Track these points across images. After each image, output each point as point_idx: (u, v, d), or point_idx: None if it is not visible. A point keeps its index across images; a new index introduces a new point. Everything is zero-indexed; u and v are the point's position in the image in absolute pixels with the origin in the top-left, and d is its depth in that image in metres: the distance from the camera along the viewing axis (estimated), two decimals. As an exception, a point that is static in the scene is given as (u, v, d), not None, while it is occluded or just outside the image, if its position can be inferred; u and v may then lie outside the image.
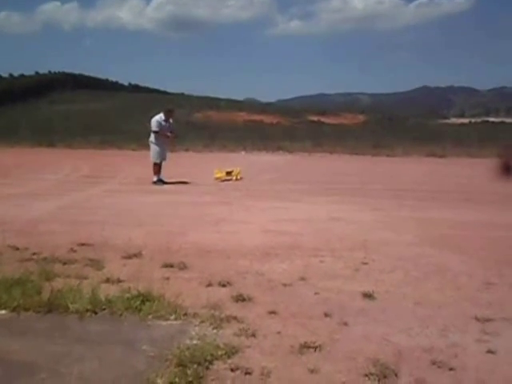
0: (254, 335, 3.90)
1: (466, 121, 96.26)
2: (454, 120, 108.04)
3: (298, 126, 62.42)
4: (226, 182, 16.07)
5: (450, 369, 3.40)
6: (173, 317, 4.24)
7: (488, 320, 4.31)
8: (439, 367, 3.43)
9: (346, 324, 4.19)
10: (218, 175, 16.94)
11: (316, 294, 5.01)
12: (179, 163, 19.57)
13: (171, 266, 5.86)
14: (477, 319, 4.33)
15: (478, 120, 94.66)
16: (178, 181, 15.45)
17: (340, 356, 3.59)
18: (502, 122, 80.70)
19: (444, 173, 22.90)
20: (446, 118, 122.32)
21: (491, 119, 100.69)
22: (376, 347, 3.74)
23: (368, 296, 4.89)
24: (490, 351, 3.69)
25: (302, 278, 5.50)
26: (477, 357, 3.60)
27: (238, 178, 17.22)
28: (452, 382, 3.25)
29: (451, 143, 38.04)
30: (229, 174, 17.22)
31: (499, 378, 3.30)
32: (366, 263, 6.17)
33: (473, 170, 22.26)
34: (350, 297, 4.90)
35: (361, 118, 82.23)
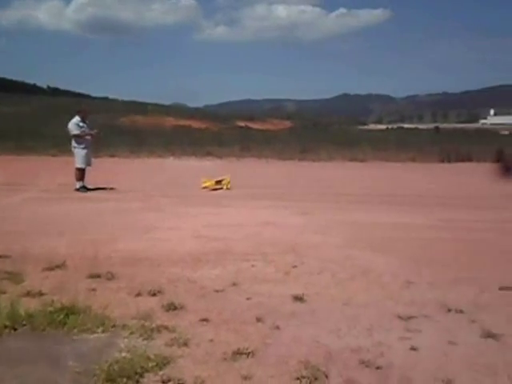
0: (186, 344, 3.85)
1: (383, 127, 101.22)
2: (372, 126, 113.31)
3: (226, 131, 62.54)
4: (153, 187, 15.74)
5: (377, 367, 3.54)
6: (100, 329, 4.08)
7: (410, 318, 4.53)
8: (367, 366, 3.56)
9: (277, 328, 4.24)
10: (207, 184, 16.12)
11: (248, 299, 5.03)
12: (104, 169, 18.91)
13: (98, 276, 5.64)
14: (400, 317, 4.54)
15: (394, 126, 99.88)
16: (103, 187, 14.92)
17: (272, 360, 3.62)
18: (416, 128, 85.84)
19: (366, 176, 23.87)
20: (365, 124, 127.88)
21: (406, 125, 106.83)
22: (307, 350, 3.81)
23: (298, 299, 4.99)
24: (412, 348, 3.88)
25: (234, 284, 5.51)
26: (401, 354, 3.78)
27: (228, 187, 16.31)
28: (379, 380, 3.38)
29: (371, 148, 39.73)
30: (218, 182, 16.49)
31: (422, 374, 3.47)
32: (295, 266, 6.29)
33: (392, 173, 23.42)
34: (281, 300, 4.97)
35: (287, 123, 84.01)
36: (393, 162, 32.63)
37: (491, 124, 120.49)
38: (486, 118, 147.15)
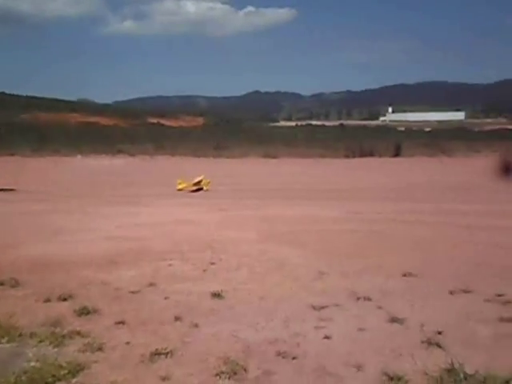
0: (100, 349, 3.72)
1: (293, 124, 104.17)
2: (283, 123, 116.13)
3: (138, 128, 60.92)
4: (59, 187, 14.96)
5: (293, 358, 3.65)
6: (5, 339, 3.83)
7: (323, 307, 4.72)
8: (284, 357, 3.66)
9: (196, 326, 4.23)
10: (182, 186, 15.44)
11: (166, 298, 4.96)
12: (3, 169, 17.65)
13: (1, 283, 5.28)
14: (314, 308, 4.71)
15: (303, 123, 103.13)
16: (2, 188, 13.92)
17: (192, 359, 3.61)
18: (323, 125, 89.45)
19: (278, 172, 24.45)
20: (276, 121, 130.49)
21: (314, 122, 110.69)
22: (226, 345, 3.84)
23: (217, 295, 5.01)
24: (326, 337, 4.04)
25: (151, 284, 5.41)
26: (315, 343, 3.92)
27: (208, 187, 15.85)
28: (295, 369, 3.49)
29: (282, 145, 40.80)
30: (197, 183, 15.97)
31: (335, 361, 3.62)
32: (213, 263, 6.31)
33: (303, 168, 24.22)
34: (199, 298, 4.96)
35: (200, 120, 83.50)
36: (303, 158, 33.79)
37: (390, 121, 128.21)
38: (385, 116, 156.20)
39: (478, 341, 3.91)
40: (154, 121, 72.56)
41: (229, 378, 3.32)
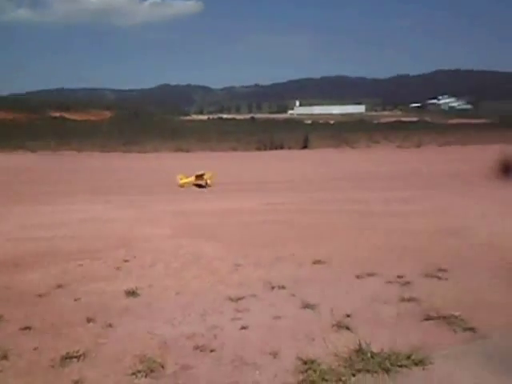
0: (5, 357, 3.51)
1: (204, 117, 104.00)
2: (194, 117, 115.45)
3: (39, 122, 57.40)
4: None
5: (211, 350, 3.69)
6: None
7: (240, 298, 4.79)
8: (201, 351, 3.68)
9: (110, 326, 4.11)
10: (185, 181, 14.81)
11: (76, 300, 4.76)
12: None
13: None
14: (230, 299, 4.77)
15: (215, 117, 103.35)
16: None
17: (106, 360, 3.51)
18: (234, 119, 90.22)
19: (192, 166, 24.26)
20: (187, 114, 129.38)
21: (225, 116, 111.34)
22: (142, 343, 3.78)
23: (131, 293, 4.90)
24: (243, 327, 4.12)
25: (60, 286, 5.16)
26: (233, 334, 3.98)
27: (210, 182, 15.17)
28: (213, 362, 3.52)
29: (195, 138, 40.52)
30: (199, 177, 15.45)
31: (252, 350, 3.71)
32: (127, 261, 6.14)
33: (216, 162, 24.21)
34: (113, 297, 4.82)
35: (107, 114, 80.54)
36: (216, 152, 33.79)
37: (298, 114, 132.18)
38: (293, 109, 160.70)
39: (383, 321, 4.19)
40: (57, 114, 68.80)
41: (145, 376, 3.28)
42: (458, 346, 3.65)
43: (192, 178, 15.80)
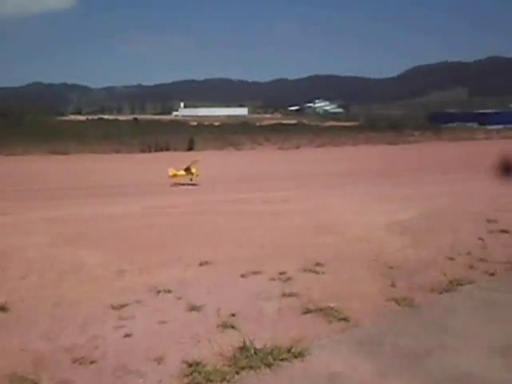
0: None
1: (83, 118, 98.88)
2: (72, 117, 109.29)
3: None
4: None
5: (92, 362, 3.53)
6: None
7: (123, 306, 4.64)
8: (81, 364, 3.50)
9: (-25, 346, 3.75)
10: (177, 173, 15.75)
11: None
12: None
13: None
14: (113, 307, 4.60)
15: (95, 117, 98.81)
16: None
17: (-29, 384, 3.20)
18: (116, 120, 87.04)
19: (70, 169, 22.96)
20: (63, 115, 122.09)
21: (106, 117, 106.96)
22: (13, 361, 3.50)
23: (1, 309, 4.50)
24: (126, 335, 4.00)
25: None
26: (115, 343, 3.85)
27: (197, 174, 16.14)
28: (94, 373, 3.38)
29: (73, 140, 38.40)
30: (187, 170, 16.28)
31: (137, 358, 3.61)
32: (-6, 274, 5.63)
33: (97, 165, 23.20)
34: (-22, 316, 4.38)
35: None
36: (98, 154, 32.32)
37: (182, 116, 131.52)
38: (177, 110, 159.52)
39: (266, 317, 4.34)
40: None
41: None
42: (334, 336, 3.91)
43: (182, 172, 16.72)
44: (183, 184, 17.35)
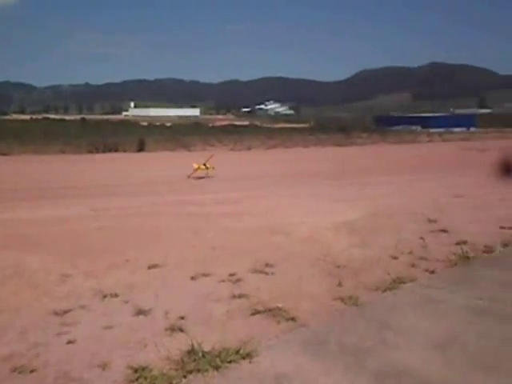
0: None
1: (27, 117, 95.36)
2: (15, 116, 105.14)
3: None
4: None
5: (32, 370, 3.41)
6: None
7: (67, 311, 4.51)
8: (20, 373, 3.38)
9: None
10: (198, 167, 18.36)
11: None
12: None
13: None
14: (56, 313, 4.46)
15: (39, 117, 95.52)
16: None
17: None
18: (62, 119, 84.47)
19: (11, 171, 22.06)
20: (6, 114, 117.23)
21: (51, 116, 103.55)
22: None
23: None
24: (70, 342, 3.89)
25: None
26: (58, 350, 3.73)
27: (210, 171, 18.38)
28: (34, 382, 3.26)
29: (15, 140, 36.88)
30: (205, 165, 18.69)
31: (80, 365, 3.51)
32: None
33: (40, 166, 22.37)
34: None
35: None
36: (42, 155, 31.17)
37: (133, 116, 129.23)
38: (127, 110, 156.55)
39: (215, 319, 4.33)
40: None
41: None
42: (281, 336, 3.95)
43: (202, 166, 18.89)
44: (131, 184, 17.08)
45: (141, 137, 38.55)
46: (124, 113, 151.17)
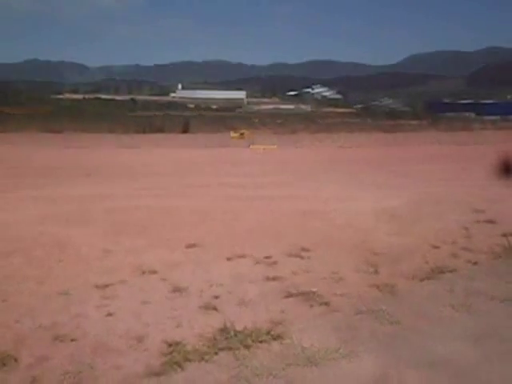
0: None
1: (80, 97, 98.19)
2: (68, 96, 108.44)
3: None
4: None
5: (72, 340, 3.57)
6: None
7: (107, 285, 4.67)
8: (61, 341, 3.54)
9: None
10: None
11: None
12: None
13: None
14: (97, 287, 4.63)
15: (91, 97, 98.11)
16: None
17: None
18: (113, 99, 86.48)
19: (64, 149, 22.87)
20: (60, 93, 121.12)
21: (103, 96, 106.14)
22: (-6, 338, 3.53)
23: (-16, 288, 4.52)
24: (109, 314, 4.04)
25: None
26: (97, 322, 3.89)
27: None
28: (73, 351, 3.41)
29: (68, 119, 38.19)
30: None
31: (117, 337, 3.65)
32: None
33: (90, 144, 23.09)
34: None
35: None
36: (91, 133, 32.16)
37: (180, 97, 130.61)
38: (175, 92, 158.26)
39: (248, 300, 4.37)
40: None
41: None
42: (313, 320, 3.96)
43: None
44: (174, 165, 17.36)
45: (185, 118, 39.06)
46: (172, 94, 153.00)
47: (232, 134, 22.25)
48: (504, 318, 4.06)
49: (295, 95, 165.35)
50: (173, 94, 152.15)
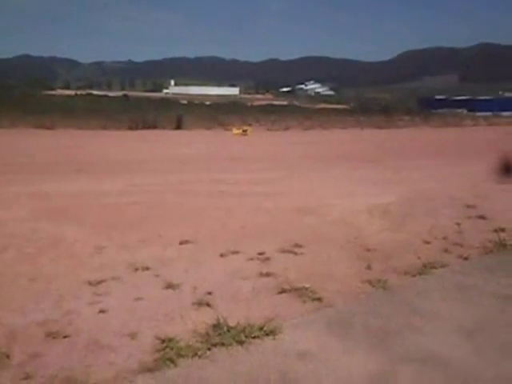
0: None
1: (71, 93, 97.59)
2: (60, 91, 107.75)
3: None
4: None
5: (65, 336, 3.56)
6: None
7: (100, 282, 4.66)
8: (54, 338, 3.53)
9: None
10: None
11: None
12: None
13: None
14: (90, 283, 4.61)
15: (83, 92, 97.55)
16: None
17: None
18: (105, 95, 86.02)
19: (55, 145, 22.74)
20: (52, 89, 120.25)
21: (95, 92, 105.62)
22: (-14, 334, 3.52)
23: (-26, 283, 4.49)
24: (101, 311, 4.03)
25: None
26: (90, 319, 3.88)
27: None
28: (66, 348, 3.41)
29: (60, 115, 37.95)
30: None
31: (110, 333, 3.65)
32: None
33: (81, 141, 22.96)
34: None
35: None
36: (84, 130, 31.99)
37: (173, 93, 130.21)
38: (168, 88, 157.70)
39: (241, 296, 4.38)
40: None
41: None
42: (306, 316, 3.97)
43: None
44: (169, 161, 17.32)
45: (178, 115, 38.93)
46: (164, 90, 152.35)
47: (234, 130, 22.23)
48: (496, 312, 4.09)
49: (289, 91, 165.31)
50: (166, 91, 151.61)
